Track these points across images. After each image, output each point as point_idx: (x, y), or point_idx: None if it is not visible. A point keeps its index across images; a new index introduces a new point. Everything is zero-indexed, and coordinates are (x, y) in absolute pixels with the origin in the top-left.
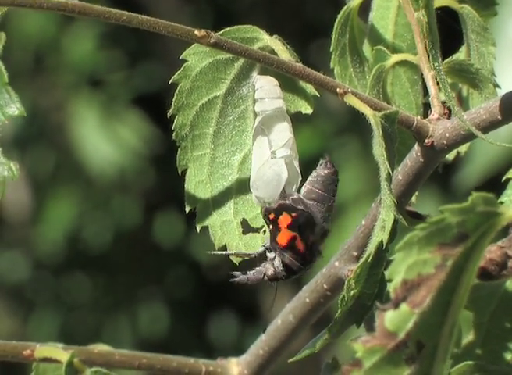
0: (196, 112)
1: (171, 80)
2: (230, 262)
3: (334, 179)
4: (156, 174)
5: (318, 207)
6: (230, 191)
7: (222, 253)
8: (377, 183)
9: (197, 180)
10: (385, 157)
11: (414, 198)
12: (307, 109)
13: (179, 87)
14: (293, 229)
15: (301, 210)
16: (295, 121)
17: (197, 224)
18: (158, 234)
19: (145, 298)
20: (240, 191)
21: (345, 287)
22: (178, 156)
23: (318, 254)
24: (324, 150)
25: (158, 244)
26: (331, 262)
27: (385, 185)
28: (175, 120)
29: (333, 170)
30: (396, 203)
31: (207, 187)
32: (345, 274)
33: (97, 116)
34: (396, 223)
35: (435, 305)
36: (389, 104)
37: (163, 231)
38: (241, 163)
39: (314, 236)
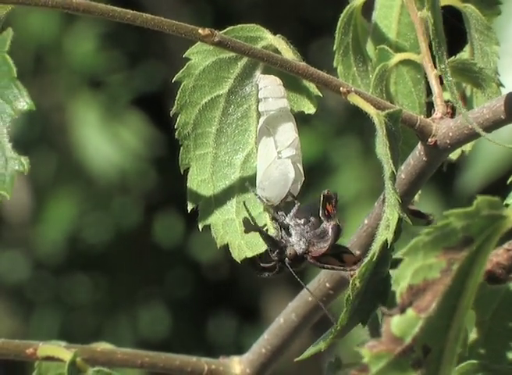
0: (199, 111)
1: (174, 79)
2: (230, 261)
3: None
4: (156, 175)
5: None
6: (232, 190)
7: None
8: (377, 183)
9: (200, 179)
10: (389, 156)
11: (417, 197)
12: (310, 109)
13: (183, 85)
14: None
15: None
16: (296, 121)
17: (199, 223)
18: (158, 235)
19: (145, 298)
20: (243, 190)
21: (350, 286)
22: (180, 155)
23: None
24: (324, 150)
25: (158, 244)
26: None
27: (389, 184)
28: (177, 119)
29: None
30: (400, 202)
31: (209, 185)
32: (349, 273)
33: (97, 117)
34: (400, 221)
35: (441, 310)
36: (393, 103)
37: (163, 232)
38: (244, 162)
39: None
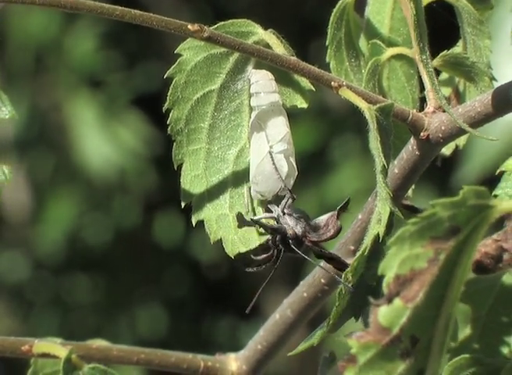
0: (191, 107)
1: (166, 75)
2: (229, 261)
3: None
4: (155, 174)
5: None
6: (226, 185)
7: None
8: (375, 180)
9: (193, 175)
10: (380, 150)
11: (410, 192)
12: (302, 104)
13: (174, 81)
14: None
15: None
16: (294, 118)
17: (193, 218)
18: (157, 234)
19: (144, 298)
20: (236, 185)
21: (342, 280)
22: (173, 150)
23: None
24: (322, 147)
25: (158, 244)
26: None
27: (380, 178)
28: (170, 114)
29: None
30: (391, 196)
31: (202, 181)
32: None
33: (96, 117)
34: (392, 215)
35: (429, 300)
36: (385, 98)
37: (162, 231)
38: (237, 157)
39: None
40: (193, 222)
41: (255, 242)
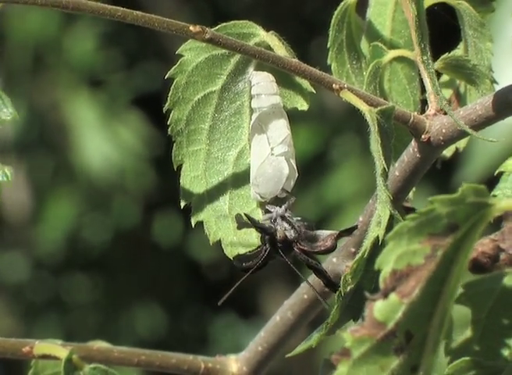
0: (192, 107)
1: (167, 75)
2: (228, 261)
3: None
4: (155, 174)
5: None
6: (225, 187)
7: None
8: (374, 181)
9: (193, 175)
10: (381, 152)
11: (411, 194)
12: (303, 106)
13: (175, 81)
14: None
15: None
16: (293, 119)
17: (192, 219)
18: (157, 234)
19: (144, 298)
20: (235, 187)
21: (341, 282)
22: (173, 151)
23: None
24: (322, 148)
25: (157, 244)
26: (329, 258)
27: (380, 181)
28: (170, 115)
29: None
30: (391, 198)
31: (202, 182)
32: (343, 270)
33: (97, 116)
34: (391, 218)
35: (425, 296)
36: (387, 100)
37: (162, 231)
38: (237, 159)
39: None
40: (193, 223)
41: (254, 244)
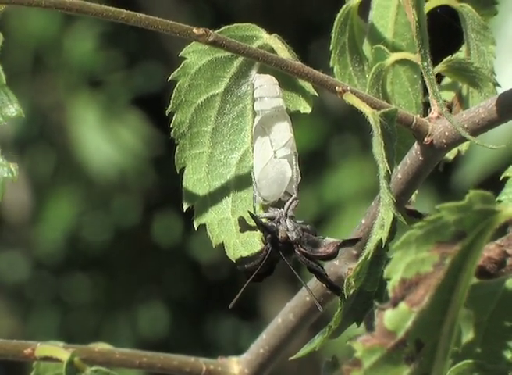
0: (194, 110)
1: (170, 78)
2: (229, 261)
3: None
4: (155, 174)
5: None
6: (228, 190)
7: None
8: (376, 182)
9: (195, 178)
10: (384, 155)
11: (413, 197)
12: (306, 109)
13: (178, 84)
14: None
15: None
16: (293, 119)
17: (195, 222)
18: (157, 234)
19: (145, 298)
20: (238, 189)
21: (344, 285)
22: (176, 154)
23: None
24: (322, 147)
25: (158, 243)
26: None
27: (384, 183)
28: (173, 118)
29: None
30: (395, 201)
31: (205, 185)
32: (345, 273)
33: (97, 116)
34: (395, 221)
35: (434, 304)
36: (389, 103)
37: (162, 231)
38: (239, 162)
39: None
40: (195, 226)
41: (257, 246)
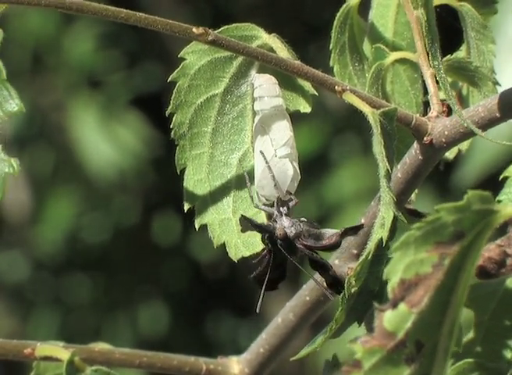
0: (194, 111)
1: (169, 79)
2: (228, 260)
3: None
4: (155, 174)
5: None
6: (229, 190)
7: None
8: (376, 182)
9: (196, 179)
10: (383, 154)
11: (413, 196)
12: (305, 108)
13: (178, 85)
14: None
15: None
16: (293, 120)
17: (196, 222)
18: (156, 234)
19: (144, 298)
20: (239, 190)
21: (345, 284)
22: (176, 155)
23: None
24: (323, 147)
25: (157, 243)
26: (331, 260)
27: (384, 182)
28: (173, 119)
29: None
30: (395, 200)
31: (205, 185)
32: (345, 272)
33: (96, 117)
34: (395, 220)
35: (434, 305)
36: (389, 102)
37: (162, 231)
38: (240, 162)
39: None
40: (197, 226)
41: (258, 246)
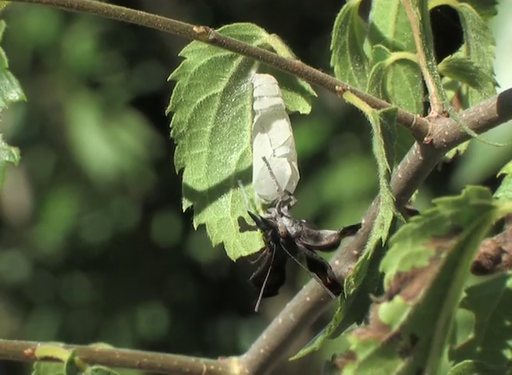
0: (194, 110)
1: (169, 78)
2: (228, 261)
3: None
4: (154, 175)
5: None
6: (227, 190)
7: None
8: (376, 182)
9: (195, 179)
10: (383, 154)
11: (413, 197)
12: (305, 109)
13: (178, 84)
14: None
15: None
16: (293, 119)
17: (194, 222)
18: (156, 235)
19: (144, 298)
20: (238, 190)
21: (345, 284)
22: (175, 154)
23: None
24: (323, 147)
25: (157, 244)
26: (331, 260)
27: (383, 182)
28: (172, 118)
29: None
30: (394, 200)
31: (204, 185)
32: (345, 273)
33: (96, 117)
34: (395, 220)
35: (429, 298)
36: (390, 102)
37: (161, 232)
38: (239, 162)
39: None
40: (195, 226)
41: (257, 246)
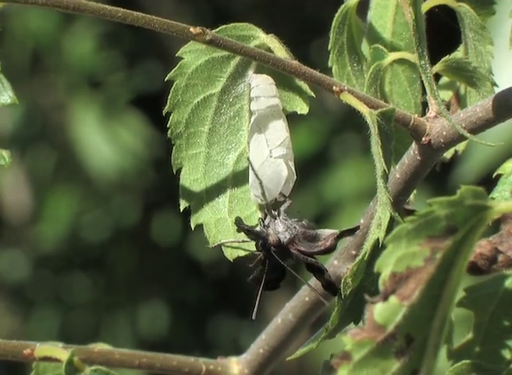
0: (191, 110)
1: (166, 78)
2: (228, 261)
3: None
4: (155, 174)
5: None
6: (225, 190)
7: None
8: (375, 182)
9: (192, 179)
10: (381, 155)
11: (412, 197)
12: (302, 109)
13: (175, 84)
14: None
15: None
16: (293, 119)
17: (192, 222)
18: (156, 234)
19: (144, 297)
20: (235, 190)
21: (342, 284)
22: (173, 154)
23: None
24: (322, 147)
25: (157, 243)
26: (330, 260)
27: (381, 183)
28: (170, 118)
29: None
30: (391, 201)
31: (201, 185)
32: (344, 273)
33: (96, 117)
34: (392, 220)
35: (424, 299)
36: (387, 103)
37: (162, 231)
38: (236, 162)
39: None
40: (192, 226)
41: (254, 246)
